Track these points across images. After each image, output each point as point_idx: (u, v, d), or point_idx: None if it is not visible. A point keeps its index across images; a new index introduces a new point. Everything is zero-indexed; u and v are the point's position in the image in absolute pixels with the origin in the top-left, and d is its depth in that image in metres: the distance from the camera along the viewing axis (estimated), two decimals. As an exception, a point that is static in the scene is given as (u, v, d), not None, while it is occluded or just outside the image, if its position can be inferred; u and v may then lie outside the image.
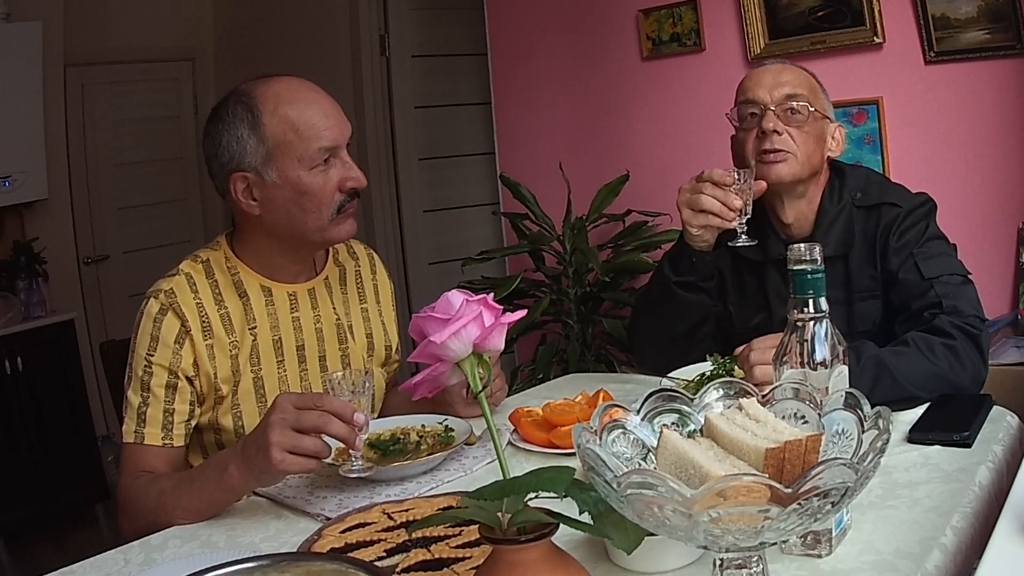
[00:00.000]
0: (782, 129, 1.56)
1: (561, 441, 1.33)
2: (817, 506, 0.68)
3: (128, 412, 1.38)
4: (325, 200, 1.39)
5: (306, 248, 1.48)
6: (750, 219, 1.55)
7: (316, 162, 1.37)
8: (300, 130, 1.36)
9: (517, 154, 3.28)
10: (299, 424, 1.13)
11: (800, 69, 1.62)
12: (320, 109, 1.38)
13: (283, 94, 1.38)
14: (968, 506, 1.03)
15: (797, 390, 0.87)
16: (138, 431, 1.37)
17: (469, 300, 0.75)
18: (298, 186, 1.37)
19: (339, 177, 1.39)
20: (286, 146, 1.36)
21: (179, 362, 1.38)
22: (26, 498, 3.48)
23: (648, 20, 2.88)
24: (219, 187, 1.43)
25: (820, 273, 0.91)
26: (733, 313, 1.72)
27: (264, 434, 1.14)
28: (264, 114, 1.36)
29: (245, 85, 1.41)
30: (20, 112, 3.69)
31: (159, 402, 1.37)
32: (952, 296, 1.45)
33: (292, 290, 1.49)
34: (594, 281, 2.92)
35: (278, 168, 1.36)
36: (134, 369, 1.39)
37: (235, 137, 1.37)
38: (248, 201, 1.39)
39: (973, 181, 2.36)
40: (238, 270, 1.46)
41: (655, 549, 0.92)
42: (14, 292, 3.70)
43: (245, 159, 1.37)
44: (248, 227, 1.45)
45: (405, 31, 4.00)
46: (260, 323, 1.45)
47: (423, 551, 0.99)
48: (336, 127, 1.39)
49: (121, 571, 1.09)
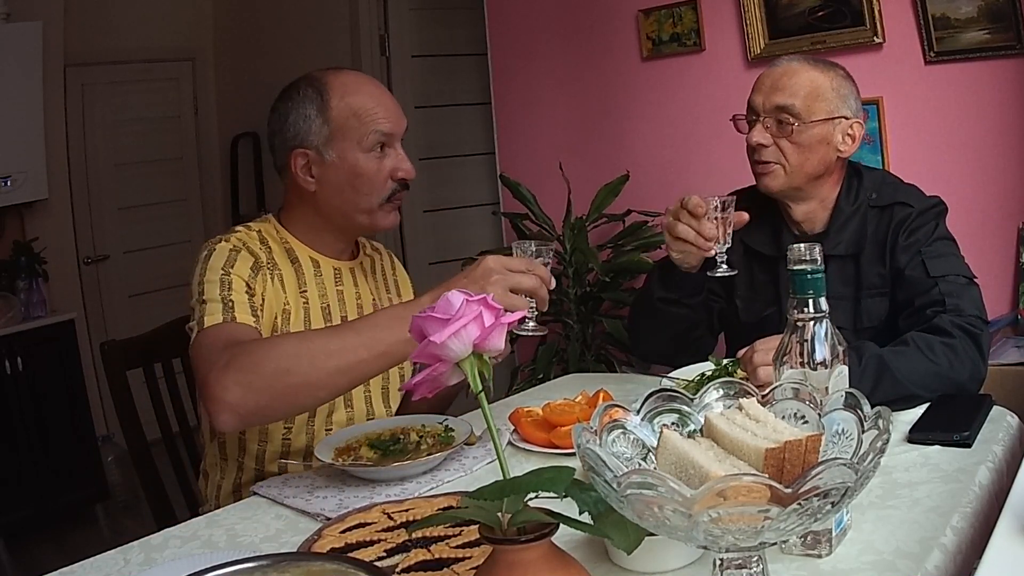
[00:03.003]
0: (768, 141, 1.56)
1: (561, 441, 1.33)
2: (817, 506, 0.68)
3: (207, 309, 1.36)
4: (377, 184, 1.48)
5: (352, 230, 1.56)
6: (768, 216, 1.54)
7: (372, 147, 1.47)
8: (362, 116, 1.46)
9: (517, 154, 3.28)
10: (517, 286, 1.24)
11: (812, 68, 1.58)
12: (381, 101, 1.49)
13: (351, 84, 1.49)
14: (968, 506, 1.03)
15: (797, 390, 0.87)
16: (227, 314, 1.35)
17: (469, 300, 0.75)
18: (355, 167, 1.47)
19: (392, 166, 1.49)
20: (348, 130, 1.46)
21: (255, 283, 1.41)
22: (26, 498, 3.48)
23: (648, 20, 2.88)
24: (278, 161, 1.52)
25: (820, 273, 0.91)
26: (740, 307, 1.73)
27: (484, 292, 1.17)
28: (332, 98, 1.46)
29: (318, 72, 1.52)
30: (20, 112, 3.69)
31: (244, 296, 1.38)
32: (956, 295, 1.47)
33: (337, 265, 1.57)
34: (594, 281, 2.92)
35: (338, 149, 1.46)
36: (207, 280, 1.38)
37: (302, 116, 1.46)
38: (306, 177, 1.48)
39: (973, 181, 2.36)
40: (288, 241, 1.53)
41: (655, 549, 0.92)
42: (14, 292, 3.70)
43: (309, 137, 1.46)
44: (300, 203, 1.53)
45: (405, 31, 4.00)
46: (311, 290, 1.51)
47: (423, 551, 0.99)
48: (394, 119, 1.49)
49: (121, 571, 1.09)
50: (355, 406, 1.55)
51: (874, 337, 1.53)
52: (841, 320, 1.56)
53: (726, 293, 1.75)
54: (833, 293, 1.56)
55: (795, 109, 1.54)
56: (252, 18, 4.48)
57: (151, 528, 1.25)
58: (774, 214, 1.68)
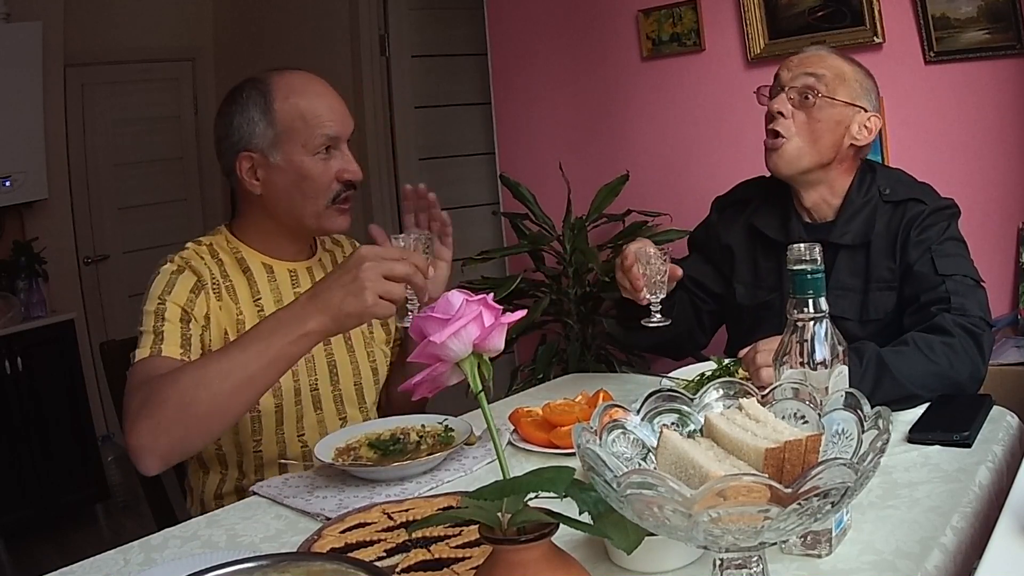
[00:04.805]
0: (788, 111, 1.58)
1: (561, 441, 1.33)
2: (817, 506, 0.68)
3: (142, 339, 1.38)
4: (323, 187, 1.47)
5: (302, 232, 1.55)
6: (778, 201, 1.54)
7: (318, 149, 1.46)
8: (307, 118, 1.45)
9: (517, 154, 3.28)
10: (392, 273, 1.22)
11: (840, 58, 1.61)
12: (327, 103, 1.48)
13: (296, 85, 1.47)
14: (968, 506, 1.03)
15: (797, 390, 0.87)
16: (155, 347, 1.36)
17: (469, 300, 0.75)
18: (300, 170, 1.46)
19: (338, 167, 1.48)
20: (293, 132, 1.45)
21: (192, 307, 1.41)
22: (26, 498, 3.48)
23: (648, 20, 2.88)
24: (225, 166, 1.51)
25: (820, 273, 0.91)
26: (739, 291, 1.74)
27: (357, 280, 1.20)
28: (277, 100, 1.45)
29: (261, 73, 1.50)
30: (20, 112, 3.69)
31: (175, 327, 1.39)
32: (962, 295, 1.47)
33: (292, 267, 1.56)
34: (594, 281, 2.92)
35: (283, 152, 1.45)
36: (145, 310, 1.41)
37: (247, 119, 1.45)
38: (252, 180, 1.48)
39: (973, 181, 2.36)
40: (239, 250, 1.53)
41: (655, 549, 0.92)
42: (14, 292, 3.70)
43: (254, 140, 1.45)
44: (249, 208, 1.53)
45: (405, 31, 3.99)
46: (265, 297, 1.50)
47: (423, 551, 0.99)
48: (340, 120, 1.48)
49: (121, 571, 1.09)
50: (324, 407, 1.54)
51: (879, 330, 1.54)
52: (848, 311, 1.57)
53: (724, 278, 1.75)
54: (841, 284, 1.59)
55: (823, 81, 1.56)
56: (252, 18, 4.48)
57: (151, 528, 1.25)
58: (785, 199, 1.68)
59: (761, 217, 1.70)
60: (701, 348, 1.82)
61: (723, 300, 1.77)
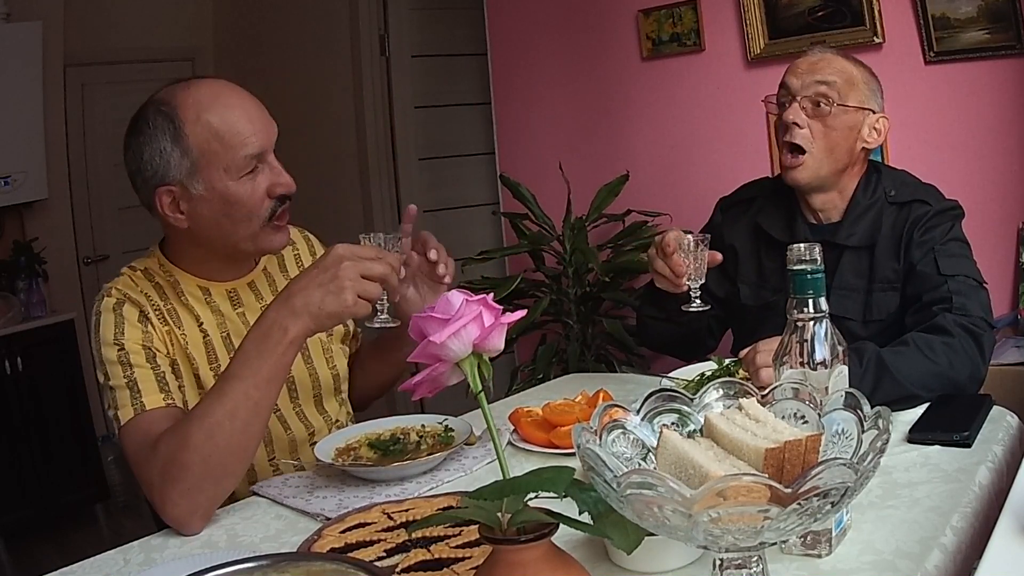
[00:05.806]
0: (803, 122, 1.57)
1: (561, 441, 1.33)
2: (817, 506, 0.68)
3: (117, 397, 1.29)
4: (255, 208, 1.34)
5: (239, 256, 1.44)
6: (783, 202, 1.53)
7: (243, 171, 1.31)
8: (225, 138, 1.30)
9: (517, 154, 3.28)
10: (370, 272, 1.20)
11: (845, 59, 1.61)
12: (244, 113, 1.32)
13: (204, 100, 1.31)
14: (968, 506, 1.03)
15: (797, 390, 0.87)
16: (135, 403, 1.27)
17: (469, 300, 0.75)
18: (225, 196, 1.32)
19: (268, 183, 1.34)
20: (211, 156, 1.30)
21: (150, 339, 1.33)
22: (26, 498, 3.48)
23: (648, 20, 2.88)
24: (145, 202, 1.37)
25: (820, 273, 0.91)
26: (743, 291, 1.74)
27: (337, 279, 1.18)
28: (186, 123, 1.30)
29: (164, 93, 1.34)
30: (20, 112, 3.69)
31: (146, 370, 1.30)
32: (964, 295, 1.48)
33: (231, 287, 1.46)
34: (594, 281, 2.92)
35: (204, 179, 1.31)
36: (105, 359, 1.31)
37: (157, 150, 1.31)
38: (175, 215, 1.34)
39: (973, 181, 2.36)
40: (174, 274, 1.42)
41: (655, 549, 0.92)
42: (14, 292, 3.71)
43: (169, 173, 1.31)
44: (178, 239, 1.41)
45: (405, 31, 3.99)
46: (207, 322, 1.41)
47: (423, 551, 0.99)
48: (262, 131, 1.33)
49: (121, 571, 1.09)
50: (292, 426, 1.48)
51: (882, 331, 1.54)
52: (851, 311, 1.57)
53: (729, 278, 1.75)
54: (846, 284, 1.59)
55: (835, 88, 1.56)
56: (252, 18, 4.48)
57: (151, 528, 1.24)
58: (790, 200, 1.68)
59: (766, 217, 1.71)
60: (710, 351, 1.82)
61: (727, 303, 1.77)
